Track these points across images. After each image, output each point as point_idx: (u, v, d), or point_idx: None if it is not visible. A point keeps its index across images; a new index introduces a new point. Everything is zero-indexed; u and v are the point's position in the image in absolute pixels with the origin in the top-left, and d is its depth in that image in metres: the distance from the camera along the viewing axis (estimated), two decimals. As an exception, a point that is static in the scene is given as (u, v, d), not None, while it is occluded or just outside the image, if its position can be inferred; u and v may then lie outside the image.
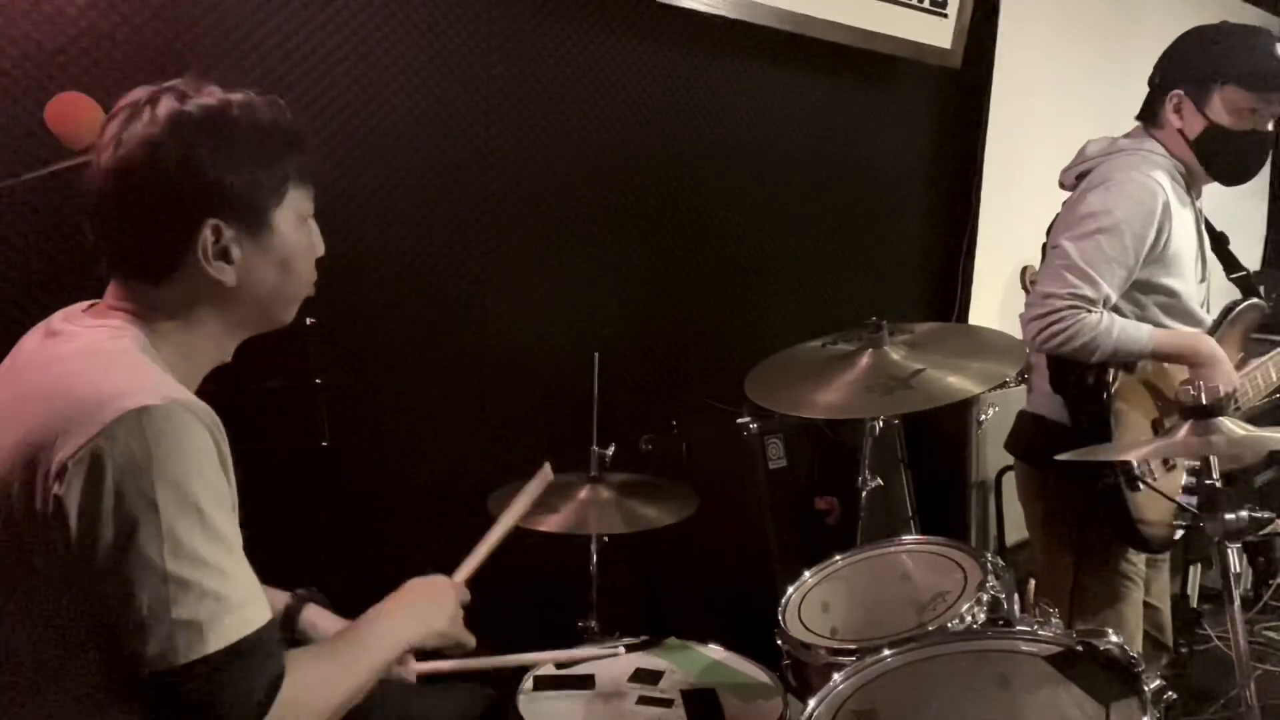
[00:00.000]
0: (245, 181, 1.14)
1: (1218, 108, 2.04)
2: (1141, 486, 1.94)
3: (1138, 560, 2.12)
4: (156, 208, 1.11)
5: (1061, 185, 2.20)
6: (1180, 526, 2.00)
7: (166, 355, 1.14)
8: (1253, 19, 4.62)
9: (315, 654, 1.17)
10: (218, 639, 1.01)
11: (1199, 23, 2.14)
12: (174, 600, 0.99)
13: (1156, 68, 2.14)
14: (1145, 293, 2.05)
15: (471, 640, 1.40)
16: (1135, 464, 1.94)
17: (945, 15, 3.28)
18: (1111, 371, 1.98)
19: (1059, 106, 3.78)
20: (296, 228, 1.21)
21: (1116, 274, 1.96)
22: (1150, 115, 2.14)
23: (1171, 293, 2.06)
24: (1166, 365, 2.05)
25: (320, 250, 1.27)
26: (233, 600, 1.03)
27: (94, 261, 1.17)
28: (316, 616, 1.52)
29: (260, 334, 1.27)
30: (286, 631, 1.49)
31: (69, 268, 1.87)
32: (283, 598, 1.51)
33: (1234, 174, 2.14)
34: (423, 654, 1.47)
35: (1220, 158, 2.08)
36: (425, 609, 1.35)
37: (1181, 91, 2.06)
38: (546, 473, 1.68)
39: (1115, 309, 2.00)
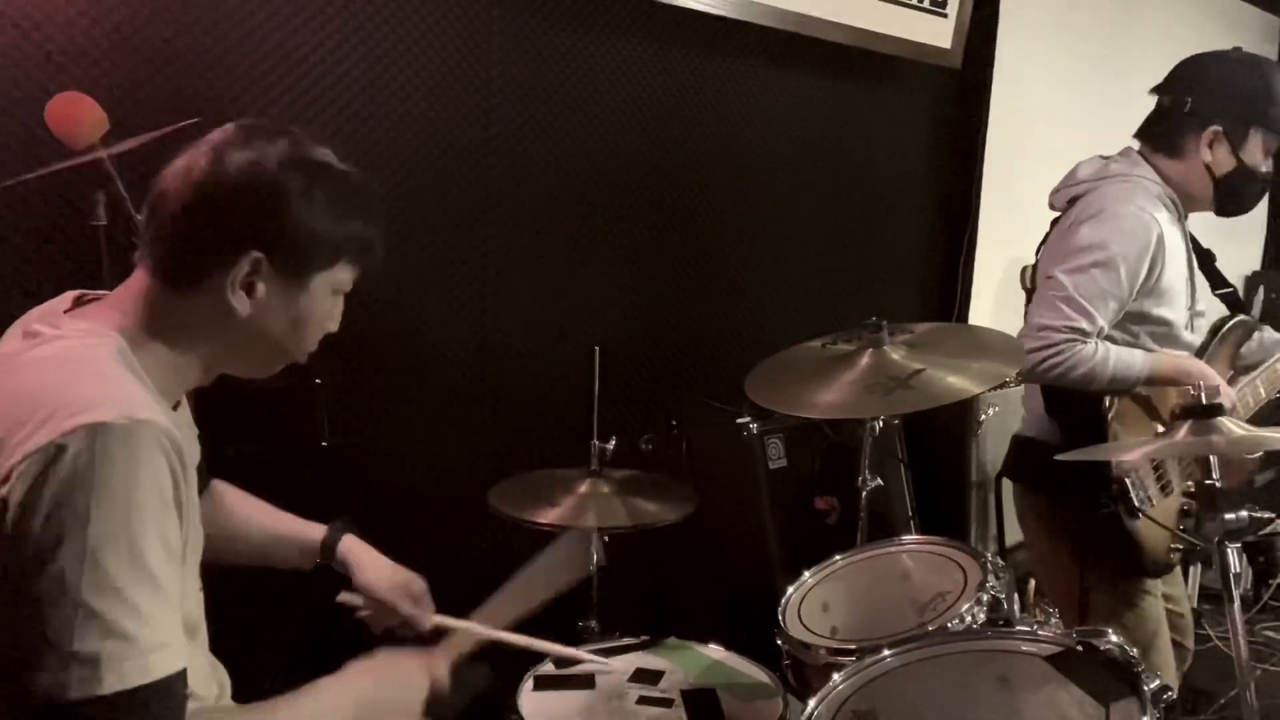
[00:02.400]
0: (308, 234, 1.14)
1: (1253, 150, 2.02)
2: (1140, 516, 1.94)
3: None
4: (222, 217, 1.11)
5: (1051, 206, 2.18)
6: (1177, 550, 2.00)
7: (147, 367, 1.11)
8: (1252, 19, 4.62)
9: (230, 717, 1.09)
10: (114, 680, 0.94)
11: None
12: (78, 629, 0.93)
13: (1185, 93, 2.05)
14: (1138, 323, 2.05)
15: None
16: (1134, 493, 1.94)
17: (945, 15, 3.28)
18: (1107, 397, 1.98)
19: (1059, 106, 3.78)
20: (326, 297, 1.21)
21: (1110, 307, 1.96)
22: (1165, 142, 2.08)
23: (1163, 322, 2.06)
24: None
25: (334, 326, 1.26)
26: (141, 643, 0.96)
27: (131, 248, 1.17)
28: (355, 546, 1.54)
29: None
30: (325, 560, 1.52)
31: (69, 268, 1.88)
32: (320, 529, 1.53)
33: (1237, 210, 2.13)
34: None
35: (1236, 197, 2.08)
36: (385, 696, 1.26)
37: (1220, 129, 2.01)
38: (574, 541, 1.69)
39: (1108, 339, 2.00)
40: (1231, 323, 2.17)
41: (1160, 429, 2.06)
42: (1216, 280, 2.25)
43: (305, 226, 1.14)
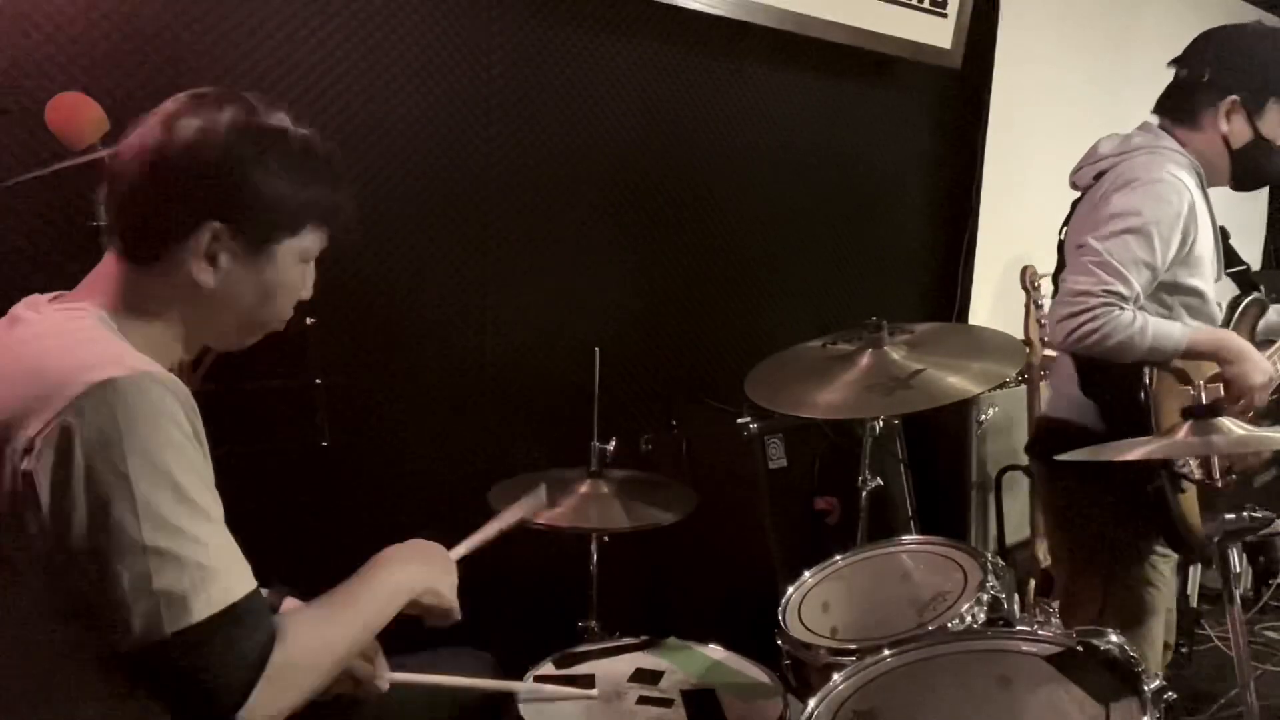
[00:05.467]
0: (267, 202, 1.14)
1: (1271, 121, 2.02)
2: (1186, 487, 1.90)
3: (1165, 568, 2.08)
4: (176, 189, 1.12)
5: (1074, 185, 2.16)
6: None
7: (129, 339, 1.13)
8: (1252, 19, 4.61)
9: (309, 615, 1.15)
10: (202, 608, 1.00)
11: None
12: (155, 572, 0.99)
13: (1203, 64, 2.05)
14: (1171, 294, 2.02)
15: (459, 614, 1.37)
16: (1178, 464, 1.89)
17: (945, 15, 3.28)
18: (1147, 370, 1.94)
19: (1059, 106, 3.78)
20: (294, 264, 1.21)
21: (1144, 274, 1.92)
22: (1184, 113, 2.07)
23: (1197, 293, 2.03)
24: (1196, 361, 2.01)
25: (307, 293, 1.26)
26: (215, 569, 1.02)
27: (100, 232, 1.18)
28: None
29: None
30: None
31: (69, 268, 1.87)
32: None
33: (1255, 183, 2.14)
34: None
35: (1254, 168, 2.07)
36: (423, 564, 1.34)
37: (1238, 99, 2.01)
38: (541, 494, 1.67)
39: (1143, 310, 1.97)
40: (1247, 300, 2.15)
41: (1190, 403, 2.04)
42: (1230, 258, 2.22)
43: (263, 193, 1.13)
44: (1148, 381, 1.94)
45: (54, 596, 1.02)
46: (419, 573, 1.30)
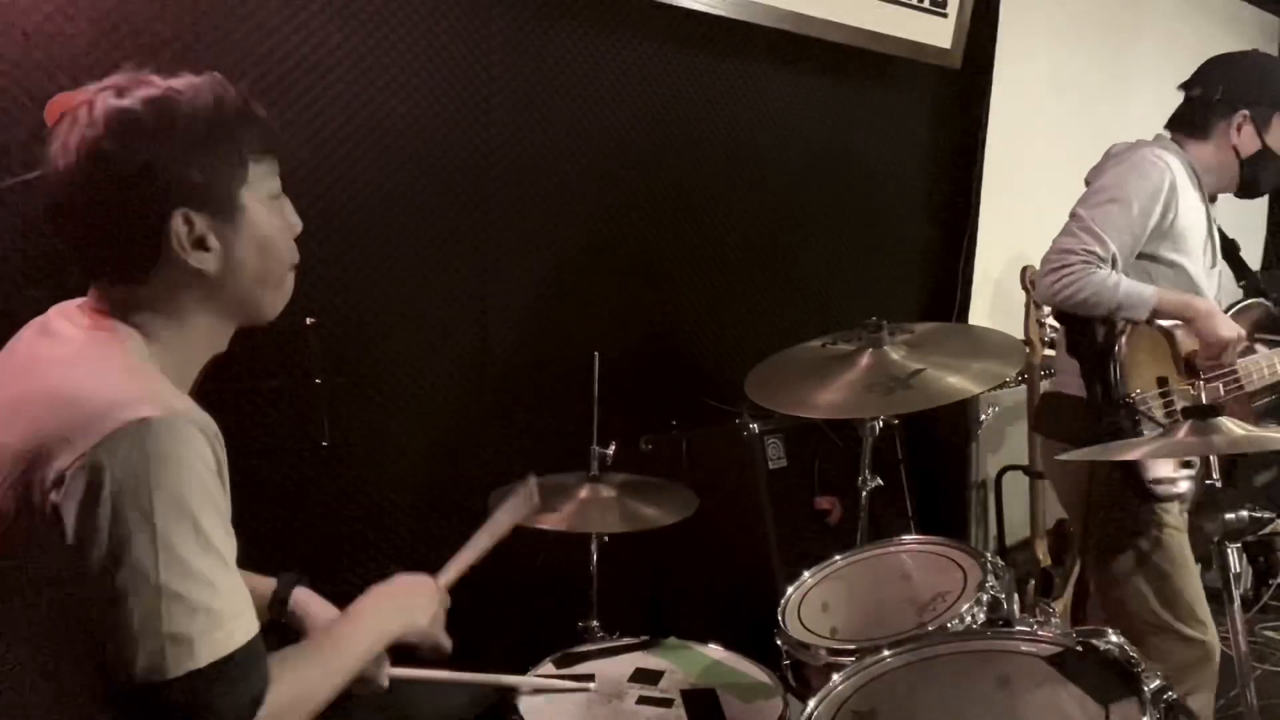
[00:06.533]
0: (202, 167, 1.11)
1: (1277, 133, 2.24)
2: (1144, 431, 2.00)
3: (1173, 508, 2.19)
4: (120, 212, 1.10)
5: (1087, 183, 2.30)
6: (1183, 479, 2.07)
7: (160, 354, 1.14)
8: (1253, 19, 4.62)
9: (298, 659, 1.17)
10: (207, 653, 1.01)
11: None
12: (167, 613, 0.99)
13: (1215, 84, 2.27)
14: (1152, 263, 2.18)
15: (448, 644, 1.43)
16: (1137, 404, 2.02)
17: (945, 15, 3.28)
18: (1120, 323, 2.09)
19: (1059, 106, 3.78)
20: (267, 206, 1.19)
21: (1123, 239, 2.11)
22: (1194, 127, 2.29)
23: (1179, 268, 2.19)
24: (1181, 327, 2.16)
25: (297, 226, 1.25)
26: (223, 614, 1.03)
27: (67, 266, 1.16)
28: (306, 599, 1.53)
29: (259, 332, 1.26)
30: (277, 614, 1.50)
31: (70, 270, 1.87)
32: (269, 582, 1.52)
33: (1257, 191, 2.33)
34: (400, 657, 1.47)
35: (1263, 176, 2.28)
36: (409, 605, 1.38)
37: (1248, 113, 2.24)
38: (531, 488, 1.67)
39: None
40: (1247, 302, 2.32)
41: (1175, 362, 2.17)
42: (1240, 270, 2.43)
43: (191, 166, 1.10)
44: (1119, 330, 2.09)
45: (63, 628, 1.02)
46: (401, 617, 1.35)
